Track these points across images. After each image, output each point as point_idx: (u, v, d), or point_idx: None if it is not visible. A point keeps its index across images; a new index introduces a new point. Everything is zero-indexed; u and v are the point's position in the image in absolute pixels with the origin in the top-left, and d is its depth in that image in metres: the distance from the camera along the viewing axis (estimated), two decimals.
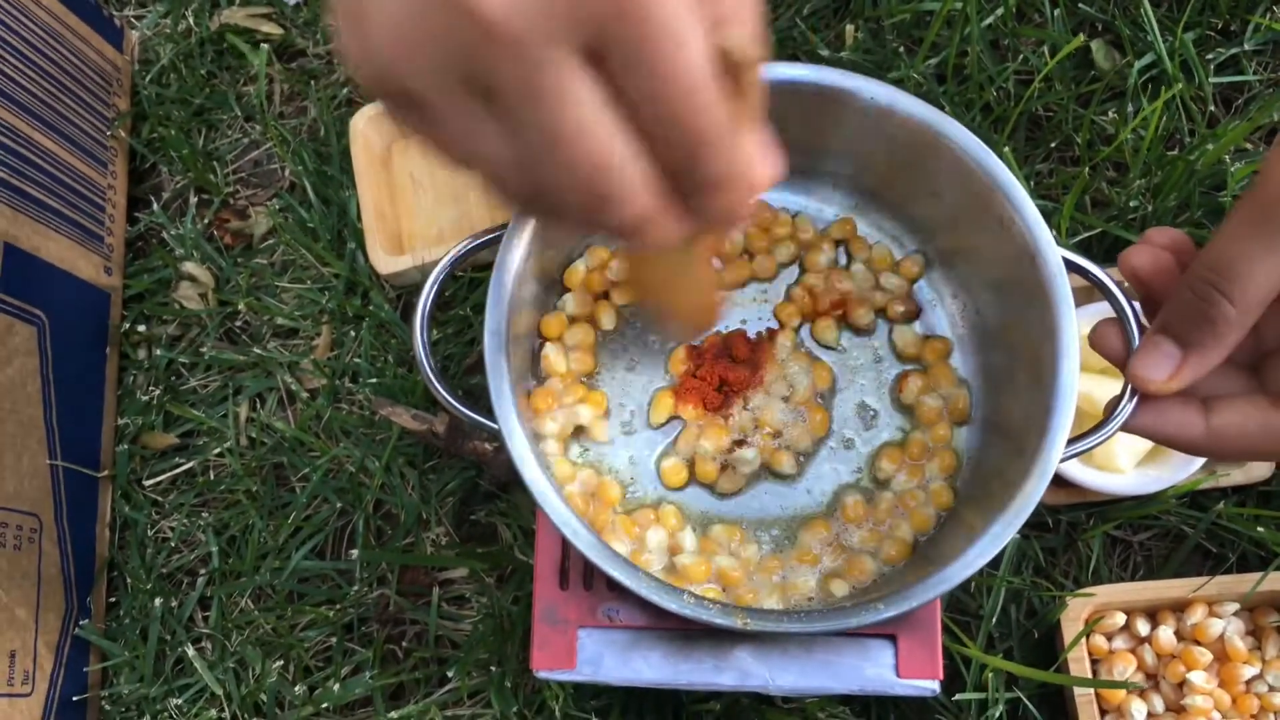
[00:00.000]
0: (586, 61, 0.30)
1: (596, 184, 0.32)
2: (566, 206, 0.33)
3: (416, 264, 0.77)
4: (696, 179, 0.33)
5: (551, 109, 0.30)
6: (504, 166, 0.33)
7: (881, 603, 0.47)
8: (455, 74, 0.31)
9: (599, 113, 0.31)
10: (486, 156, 0.33)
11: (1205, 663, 0.66)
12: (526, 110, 0.31)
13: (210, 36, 0.88)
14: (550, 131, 0.31)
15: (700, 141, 0.32)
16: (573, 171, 0.31)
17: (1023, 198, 0.51)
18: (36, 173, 0.74)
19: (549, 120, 0.30)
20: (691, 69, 0.30)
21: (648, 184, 0.33)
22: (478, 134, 0.32)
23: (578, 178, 0.32)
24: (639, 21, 0.29)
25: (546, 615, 0.56)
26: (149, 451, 0.80)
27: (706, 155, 0.32)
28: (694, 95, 0.31)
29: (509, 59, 0.29)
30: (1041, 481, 0.47)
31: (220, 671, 0.74)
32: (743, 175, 0.34)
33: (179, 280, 0.83)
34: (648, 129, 0.32)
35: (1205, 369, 0.46)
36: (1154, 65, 0.78)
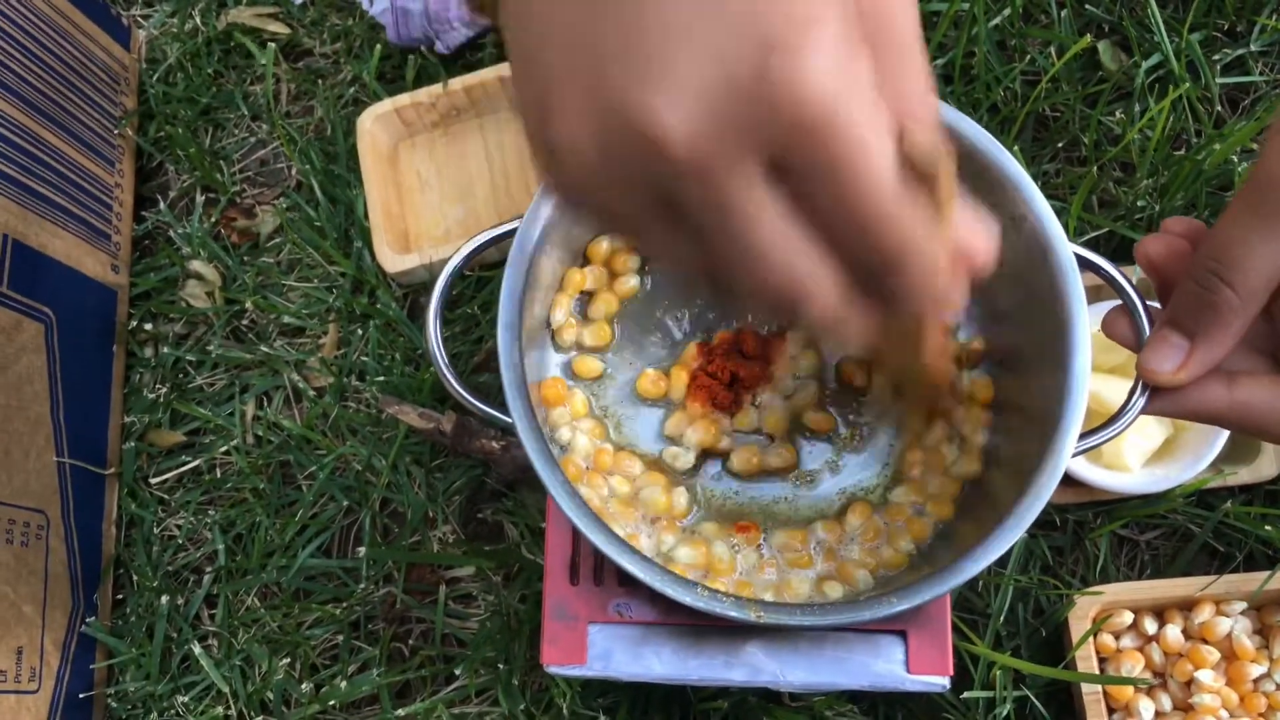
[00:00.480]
0: (771, 174, 0.30)
1: (786, 292, 0.32)
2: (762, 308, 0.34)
3: (423, 262, 0.78)
4: (890, 287, 0.33)
5: (739, 227, 0.31)
6: (700, 268, 0.33)
7: (894, 596, 0.47)
8: (645, 195, 0.31)
9: (786, 227, 0.31)
10: (682, 261, 0.34)
11: (1213, 661, 0.66)
12: (715, 227, 0.31)
13: (217, 36, 0.89)
14: (739, 246, 0.31)
15: (890, 253, 0.32)
16: (763, 281, 0.32)
17: (1035, 194, 0.51)
18: (44, 170, 0.74)
19: (738, 237, 0.31)
20: (877, 182, 0.30)
21: (837, 289, 0.33)
22: (673, 243, 0.33)
23: (768, 287, 0.32)
24: (822, 137, 0.29)
25: (557, 611, 0.56)
26: (155, 449, 0.80)
27: (897, 266, 0.32)
28: (881, 209, 0.30)
29: (695, 182, 0.30)
30: (1054, 475, 0.47)
31: (226, 669, 0.74)
32: (936, 279, 0.33)
33: (186, 278, 0.83)
34: (837, 238, 0.32)
35: (1214, 358, 0.46)
36: (1161, 66, 0.78)
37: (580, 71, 0.31)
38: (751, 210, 0.30)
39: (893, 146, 0.30)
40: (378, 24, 0.87)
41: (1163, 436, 0.68)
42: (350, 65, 0.87)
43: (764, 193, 0.30)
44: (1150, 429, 0.68)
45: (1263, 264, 0.43)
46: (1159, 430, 0.68)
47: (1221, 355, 0.46)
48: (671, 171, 0.30)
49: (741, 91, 0.28)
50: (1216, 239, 0.44)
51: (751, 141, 0.29)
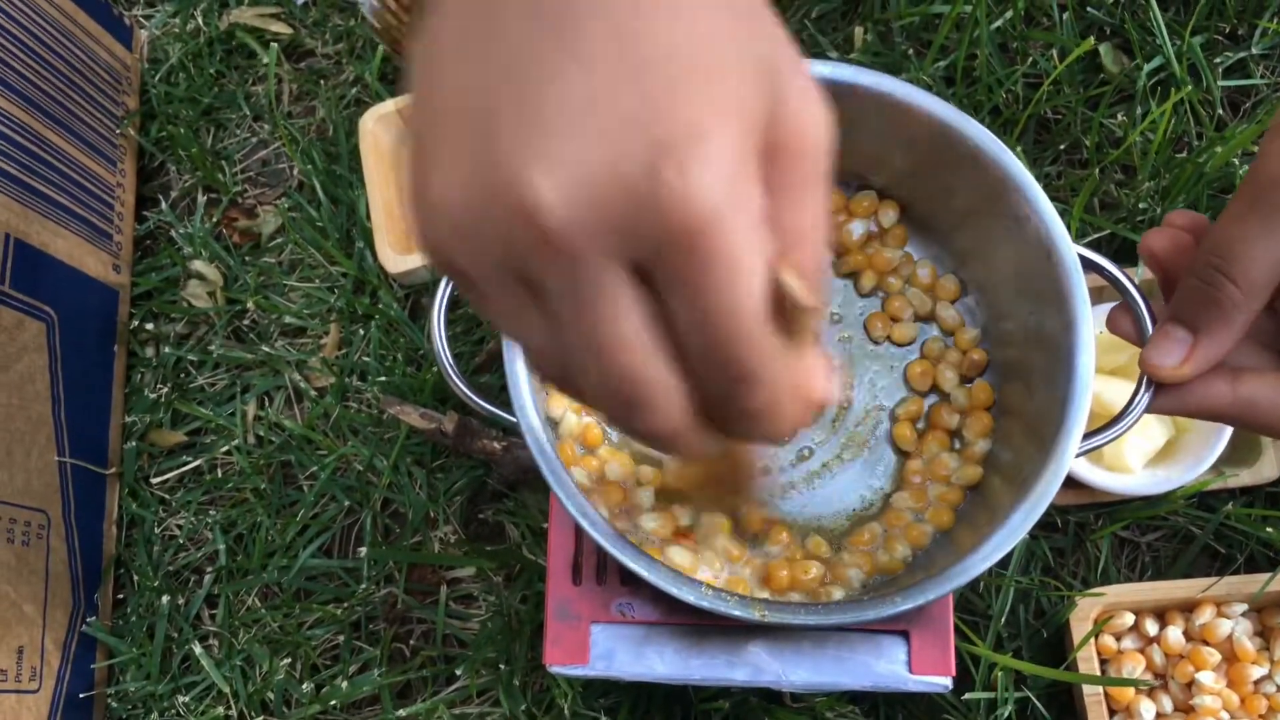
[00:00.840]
0: (637, 277, 0.29)
1: (627, 395, 0.31)
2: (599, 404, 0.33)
3: (425, 263, 0.78)
4: (734, 410, 0.32)
5: (593, 319, 0.30)
6: (544, 351, 0.32)
7: (899, 596, 0.47)
8: (505, 266, 0.30)
9: (640, 329, 0.30)
10: (528, 339, 0.33)
11: (1214, 663, 0.66)
12: (569, 314, 0.30)
13: (219, 36, 0.89)
14: (589, 339, 0.30)
15: (740, 377, 0.31)
16: (605, 379, 0.31)
17: (1039, 194, 0.51)
18: (46, 169, 0.74)
19: (589, 328, 0.30)
20: (740, 304, 0.29)
21: (680, 404, 0.32)
22: (523, 319, 0.32)
23: (610, 386, 0.31)
24: (694, 249, 0.28)
25: (560, 610, 0.56)
26: (156, 449, 0.80)
27: (745, 391, 0.31)
28: (738, 332, 0.30)
29: (558, 264, 0.29)
30: (1058, 474, 0.47)
31: (227, 669, 0.73)
32: (782, 407, 0.33)
33: (187, 278, 0.83)
34: (689, 353, 0.31)
35: (1217, 353, 0.46)
36: (1162, 69, 0.78)
37: (470, 131, 0.30)
38: (609, 306, 0.29)
39: (763, 274, 0.29)
40: None
41: (1164, 438, 0.69)
42: (352, 66, 0.87)
43: (626, 292, 0.29)
44: (1152, 430, 0.68)
45: (1264, 259, 0.43)
46: (1160, 432, 0.68)
47: (1224, 350, 0.46)
48: (538, 249, 0.29)
49: (623, 186, 0.28)
50: (1218, 235, 0.45)
51: (624, 238, 0.28)
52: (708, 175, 0.27)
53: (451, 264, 0.32)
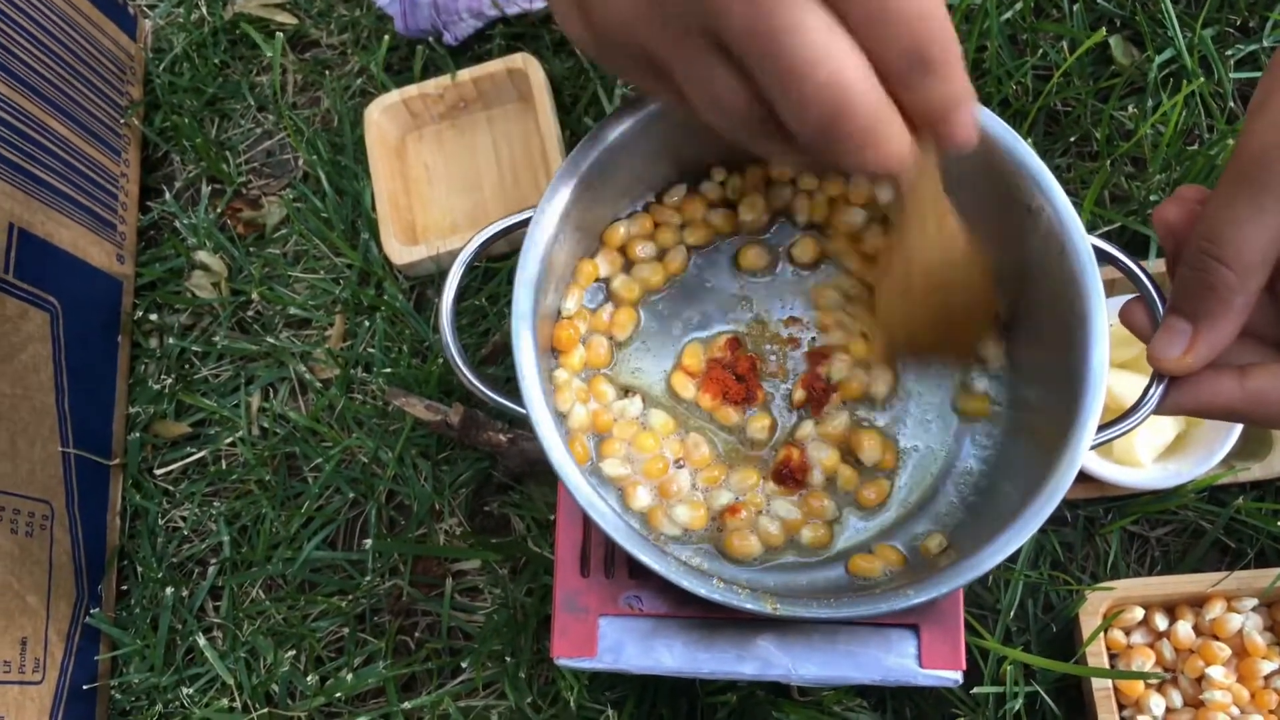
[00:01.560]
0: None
1: (833, 102, 0.34)
2: (806, 128, 0.36)
3: (430, 254, 0.77)
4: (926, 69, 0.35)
5: (784, 43, 0.33)
6: (740, 107, 0.36)
7: (911, 589, 0.46)
8: (688, 27, 0.34)
9: (831, 35, 0.34)
10: (723, 101, 0.36)
11: (1224, 658, 0.66)
12: (760, 49, 0.34)
13: (224, 25, 0.88)
14: (786, 65, 0.34)
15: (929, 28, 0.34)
16: (811, 96, 0.34)
17: (1053, 185, 0.50)
18: (51, 159, 0.74)
19: (783, 55, 0.34)
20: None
21: (875, 88, 0.35)
22: (713, 81, 0.35)
23: (816, 100, 0.34)
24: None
25: (568, 603, 0.55)
26: (160, 440, 0.80)
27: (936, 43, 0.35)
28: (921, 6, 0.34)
29: (742, 5, 0.33)
30: (1071, 467, 0.47)
31: (231, 661, 0.73)
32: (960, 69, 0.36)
33: (191, 269, 0.83)
34: (875, 40, 0.34)
35: (1219, 340, 0.46)
36: (1173, 61, 0.78)
37: None
38: (795, 23, 0.33)
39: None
40: (385, 15, 0.86)
41: (1174, 432, 0.68)
42: (358, 56, 0.87)
43: (806, 7, 0.33)
44: (1162, 424, 0.68)
45: (1255, 238, 0.43)
46: (1171, 426, 0.68)
47: (1227, 336, 0.46)
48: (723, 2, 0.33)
49: None
50: (1208, 220, 0.44)
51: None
52: None
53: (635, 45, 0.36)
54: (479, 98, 0.83)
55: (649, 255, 0.58)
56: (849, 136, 0.36)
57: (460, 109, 0.84)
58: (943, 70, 0.36)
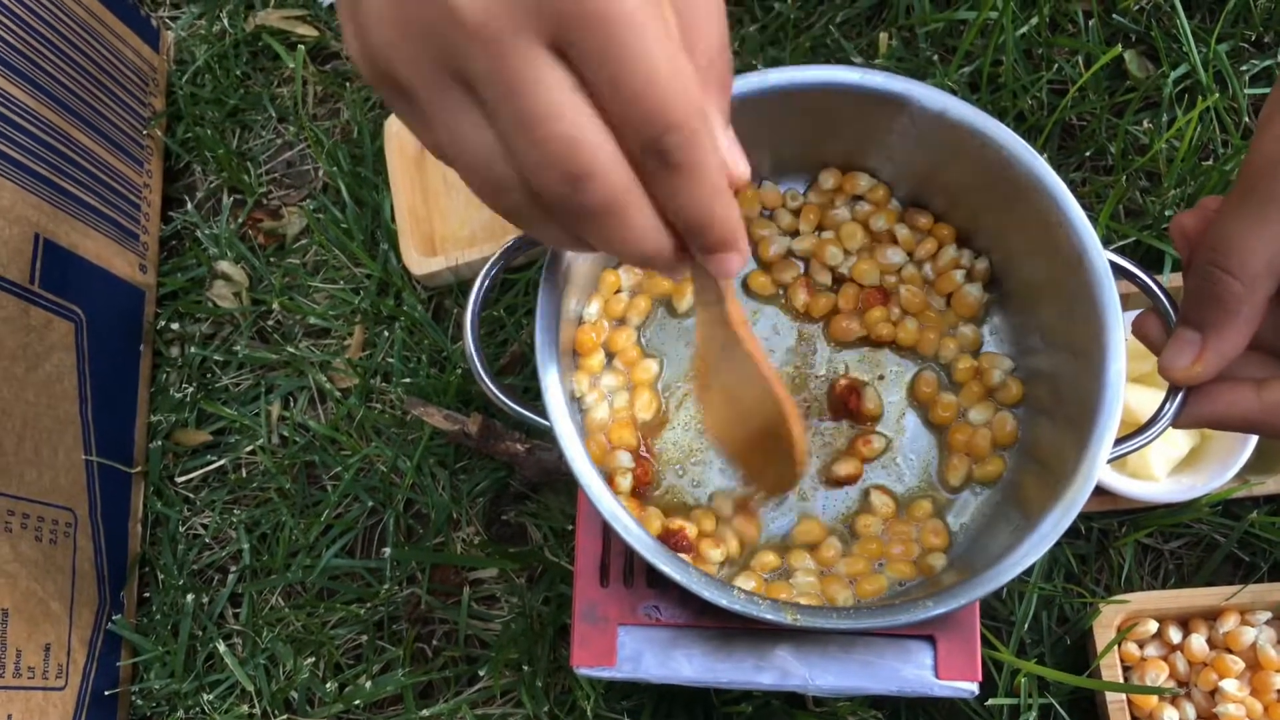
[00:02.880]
0: (554, 54, 0.32)
1: (569, 161, 0.32)
2: (544, 191, 0.34)
3: (449, 265, 0.78)
4: (664, 161, 0.33)
5: (522, 92, 0.32)
6: (483, 156, 0.34)
7: (931, 600, 0.47)
8: (438, 64, 0.33)
9: (568, 95, 0.32)
10: (467, 145, 0.34)
11: (1237, 671, 0.66)
12: (500, 95, 0.32)
13: (245, 38, 0.89)
14: (523, 113, 0.32)
15: (667, 119, 0.32)
16: (546, 150, 0.32)
17: (1069, 199, 0.51)
18: (75, 170, 0.75)
19: (521, 103, 0.32)
20: (654, 53, 0.31)
21: (619, 163, 0.33)
22: (459, 123, 0.34)
23: (551, 156, 0.32)
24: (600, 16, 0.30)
25: (587, 612, 0.56)
26: (181, 448, 0.80)
27: (675, 136, 0.33)
28: (658, 75, 0.32)
29: (482, 49, 0.31)
30: (1090, 479, 0.47)
31: (251, 668, 0.74)
32: (711, 164, 0.34)
33: (212, 279, 0.83)
34: (616, 119, 0.33)
35: (1228, 350, 0.46)
36: (1188, 76, 0.78)
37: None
38: (533, 77, 0.32)
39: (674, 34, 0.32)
40: None
41: (1189, 446, 0.69)
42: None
43: (546, 64, 0.32)
44: (1177, 438, 0.68)
45: (1260, 248, 0.44)
46: (1185, 439, 0.68)
47: (1235, 346, 0.46)
48: (461, 38, 0.31)
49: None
50: (1215, 231, 0.45)
51: (533, 13, 0.31)
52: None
53: (390, 73, 0.34)
54: None
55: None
56: (590, 209, 0.34)
57: None
58: (684, 173, 0.34)
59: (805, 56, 0.81)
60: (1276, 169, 0.43)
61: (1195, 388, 0.49)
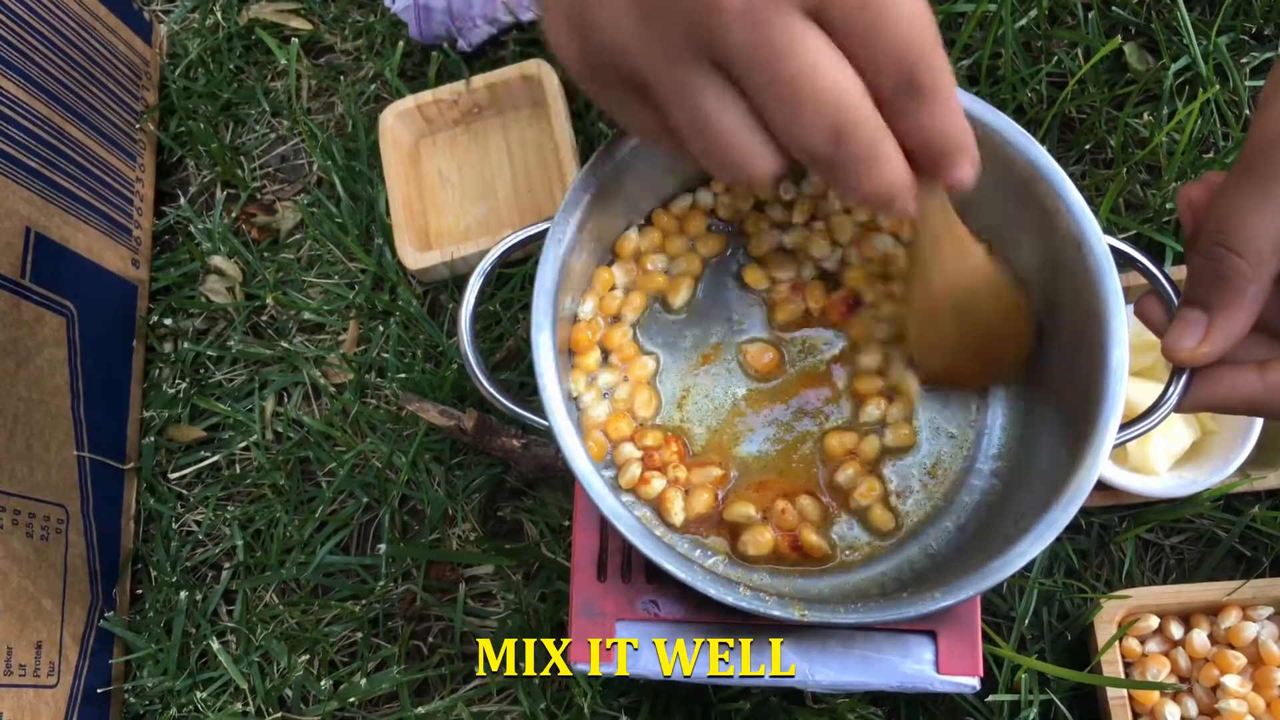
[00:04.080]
0: (808, 17, 0.34)
1: (833, 116, 0.35)
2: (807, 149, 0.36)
3: (444, 260, 0.77)
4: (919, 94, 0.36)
5: (786, 57, 0.34)
6: (732, 129, 0.36)
7: (939, 592, 0.46)
8: (685, 46, 0.35)
9: (826, 54, 0.34)
10: (713, 121, 0.36)
11: (1239, 666, 0.66)
12: (761, 63, 0.34)
13: (238, 31, 0.88)
14: (787, 76, 0.34)
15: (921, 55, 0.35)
16: (812, 108, 0.35)
17: (1068, 186, 0.50)
18: (67, 163, 0.74)
19: (784, 66, 0.34)
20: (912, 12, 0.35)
21: (874, 111, 0.36)
22: (706, 101, 0.36)
23: (818, 113, 0.35)
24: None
25: (585, 608, 0.55)
26: (174, 444, 0.80)
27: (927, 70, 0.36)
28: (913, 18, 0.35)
29: (741, 26, 0.33)
30: (1094, 467, 0.47)
31: (245, 665, 0.73)
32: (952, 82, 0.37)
33: (206, 274, 0.83)
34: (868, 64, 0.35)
35: (1234, 330, 0.46)
36: (1188, 68, 0.77)
37: None
38: (797, 42, 0.34)
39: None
40: (400, 21, 0.86)
41: (1190, 439, 0.68)
42: (372, 62, 0.87)
43: (805, 27, 0.34)
44: (1178, 431, 0.68)
45: (1265, 227, 0.44)
46: (1186, 433, 0.68)
47: (1242, 325, 0.46)
48: (717, 18, 0.33)
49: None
50: (1218, 210, 0.45)
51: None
52: None
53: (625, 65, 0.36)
54: (493, 104, 0.83)
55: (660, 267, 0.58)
56: (851, 158, 0.36)
57: (474, 115, 0.84)
58: (932, 97, 0.36)
59: None
60: (1277, 146, 0.43)
61: (1198, 371, 0.49)
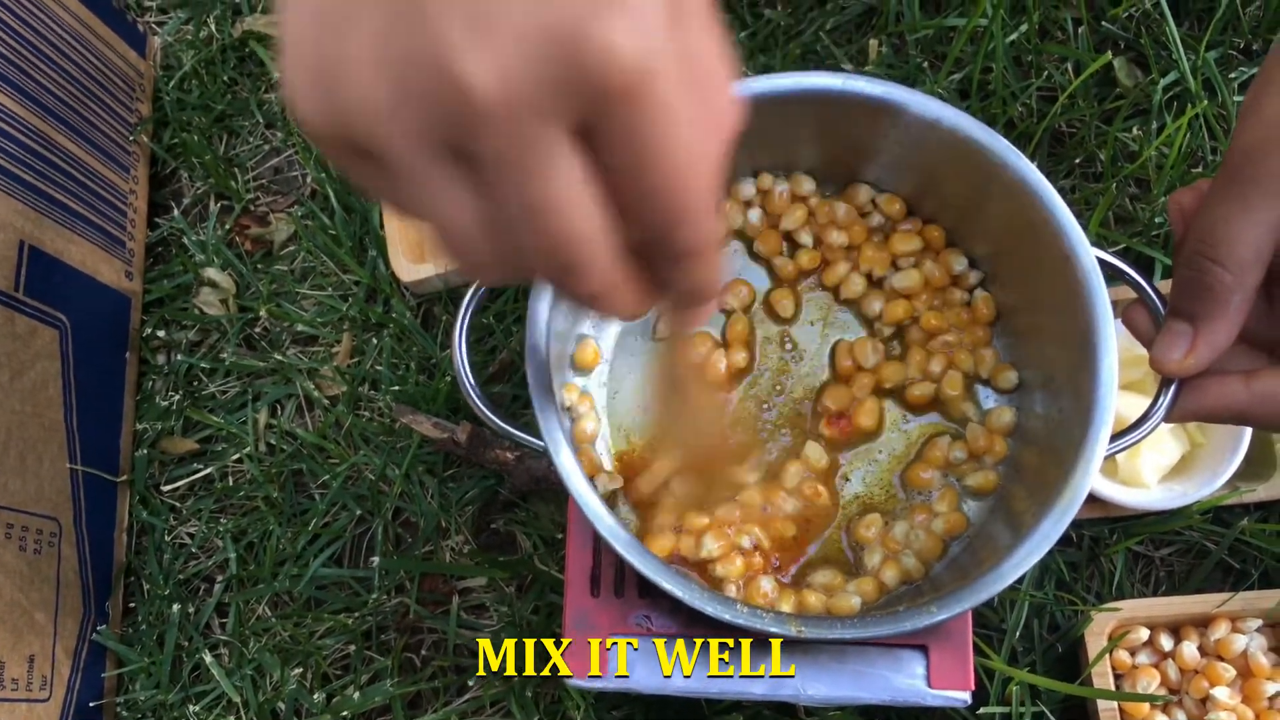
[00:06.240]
0: (573, 137, 0.30)
1: (564, 256, 0.31)
2: (529, 272, 0.33)
3: (438, 272, 0.77)
4: (672, 251, 0.33)
5: (533, 183, 0.30)
6: (464, 229, 0.32)
7: (935, 605, 0.47)
8: (431, 136, 0.30)
9: (580, 188, 0.30)
10: (447, 218, 0.32)
11: (1229, 678, 0.66)
12: (505, 179, 0.30)
13: (232, 43, 0.88)
14: (528, 203, 0.30)
15: (684, 213, 0.32)
16: (545, 240, 0.31)
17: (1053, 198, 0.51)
18: (60, 176, 0.74)
19: (529, 194, 0.30)
20: (679, 149, 0.30)
21: (615, 259, 0.32)
22: (442, 195, 0.31)
23: (547, 247, 0.31)
24: (628, 100, 0.28)
25: (578, 622, 0.55)
26: (168, 457, 0.80)
27: (687, 228, 0.32)
28: (686, 169, 0.31)
29: (495, 133, 0.29)
30: (1086, 478, 0.47)
31: (238, 678, 0.73)
32: (715, 254, 0.34)
33: (199, 286, 0.83)
34: (627, 202, 0.31)
35: (1219, 341, 0.47)
36: (1177, 83, 0.78)
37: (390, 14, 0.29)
38: (548, 168, 0.29)
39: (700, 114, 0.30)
40: None
41: (1180, 453, 0.68)
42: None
43: (564, 152, 0.29)
44: (1167, 445, 0.68)
45: (1246, 236, 0.44)
46: (1176, 447, 0.68)
47: (1226, 336, 0.47)
48: (471, 118, 0.28)
49: (559, 47, 0.27)
50: (1200, 222, 0.45)
51: (563, 97, 0.28)
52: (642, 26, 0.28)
53: (363, 137, 0.30)
54: None
55: None
56: (579, 294, 0.33)
57: None
58: (688, 259, 0.34)
59: (795, 63, 0.81)
60: (1257, 155, 0.43)
61: (1186, 381, 0.49)
